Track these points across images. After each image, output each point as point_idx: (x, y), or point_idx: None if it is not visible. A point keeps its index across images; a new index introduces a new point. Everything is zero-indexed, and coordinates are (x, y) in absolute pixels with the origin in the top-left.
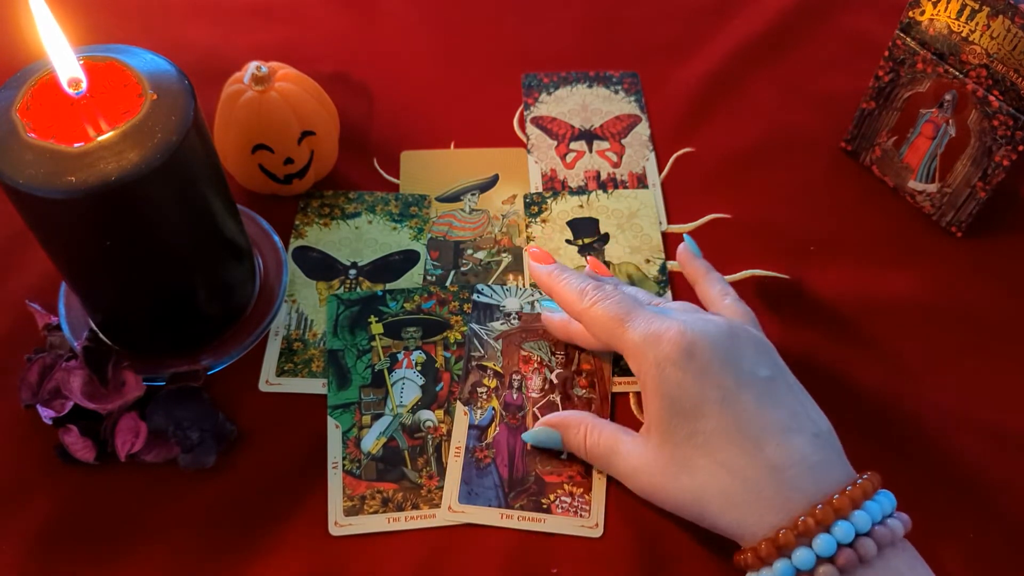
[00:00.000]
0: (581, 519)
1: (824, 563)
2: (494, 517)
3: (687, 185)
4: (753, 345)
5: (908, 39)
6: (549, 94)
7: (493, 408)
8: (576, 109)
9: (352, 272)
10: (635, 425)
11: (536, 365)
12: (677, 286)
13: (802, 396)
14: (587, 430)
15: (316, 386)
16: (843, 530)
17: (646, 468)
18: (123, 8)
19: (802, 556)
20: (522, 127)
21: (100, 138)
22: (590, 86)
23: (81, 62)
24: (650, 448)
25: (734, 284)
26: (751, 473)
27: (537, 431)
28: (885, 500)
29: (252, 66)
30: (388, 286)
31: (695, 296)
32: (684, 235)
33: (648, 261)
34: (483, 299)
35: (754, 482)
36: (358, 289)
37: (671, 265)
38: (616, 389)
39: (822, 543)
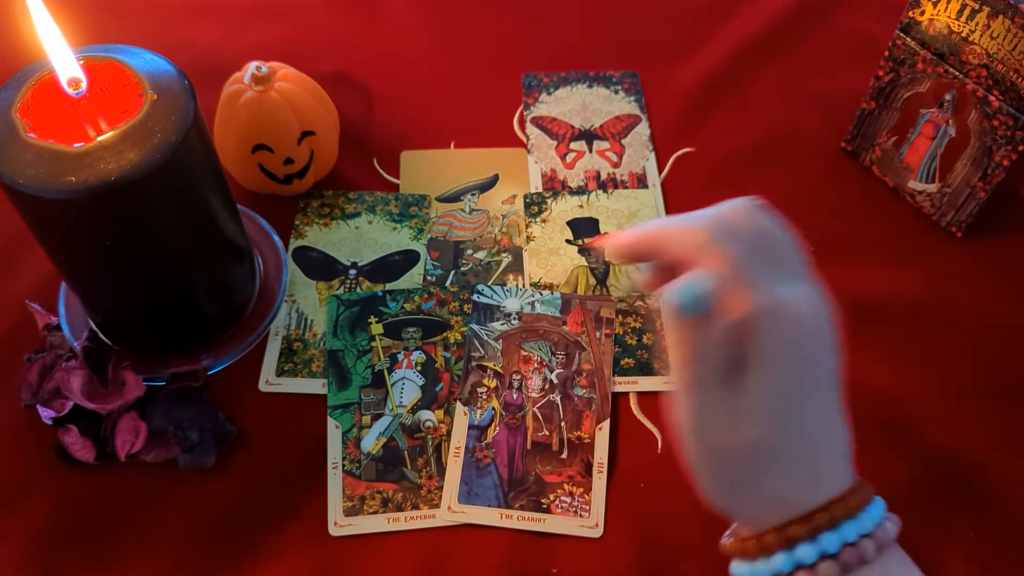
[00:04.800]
0: (581, 519)
1: (827, 559)
2: (494, 517)
3: (687, 185)
4: (832, 332)
5: (908, 39)
6: (549, 94)
7: (493, 408)
8: (576, 109)
9: (352, 272)
10: (636, 426)
11: (536, 365)
12: None
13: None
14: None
15: (316, 386)
16: (848, 530)
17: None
18: (123, 8)
19: (805, 552)
20: (522, 127)
21: (100, 138)
22: (590, 86)
23: (81, 62)
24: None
25: None
26: (805, 474)
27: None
28: (876, 509)
29: (252, 66)
30: (388, 286)
31: None
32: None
33: None
34: (483, 299)
35: (801, 480)
36: (358, 289)
37: None
38: (616, 389)
39: (826, 541)
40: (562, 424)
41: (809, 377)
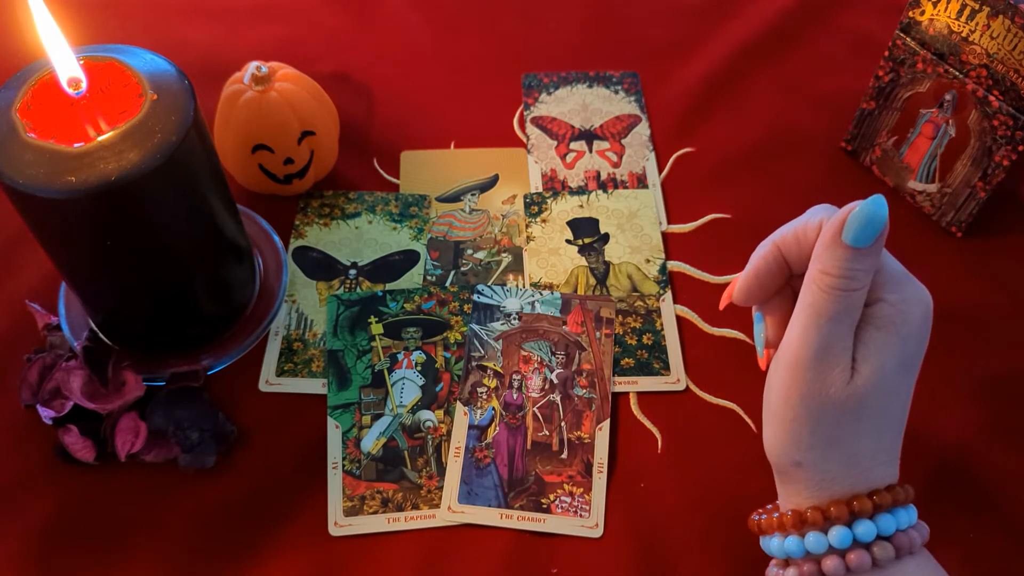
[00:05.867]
0: (581, 519)
1: (882, 540)
2: (494, 517)
3: (687, 185)
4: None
5: (908, 39)
6: (549, 94)
7: (493, 408)
8: (576, 109)
9: (352, 272)
10: (636, 426)
11: (536, 365)
12: (677, 286)
13: None
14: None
15: (316, 386)
16: (902, 517)
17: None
18: (123, 8)
19: (865, 528)
20: (522, 127)
21: (100, 138)
22: (590, 86)
23: (81, 62)
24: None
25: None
26: (884, 447)
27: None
28: (906, 514)
29: (252, 66)
30: (388, 286)
31: (695, 296)
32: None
33: (648, 261)
34: (483, 299)
35: (879, 452)
36: (358, 289)
37: (671, 265)
38: (616, 389)
39: (884, 522)
40: (562, 424)
41: (920, 353)
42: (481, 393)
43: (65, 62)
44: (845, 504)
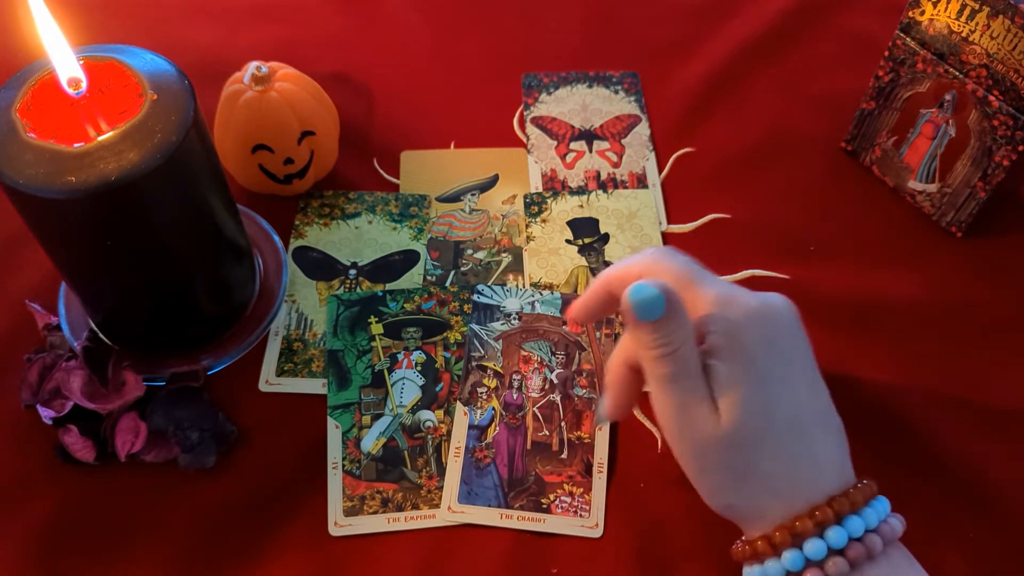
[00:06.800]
0: (581, 519)
1: (835, 555)
2: (494, 517)
3: (687, 185)
4: (798, 327)
5: (908, 39)
6: (549, 94)
7: (493, 408)
8: (576, 109)
9: (352, 272)
10: (636, 426)
11: (536, 365)
12: None
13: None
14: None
15: (316, 386)
16: (854, 525)
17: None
18: (123, 8)
19: (814, 547)
20: (522, 127)
21: (100, 138)
22: (590, 86)
23: (81, 62)
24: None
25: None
26: (798, 459)
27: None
28: (881, 505)
29: (252, 66)
30: (388, 286)
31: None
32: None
33: None
34: (483, 299)
35: (796, 466)
36: (358, 289)
37: None
38: None
39: (833, 535)
40: (562, 424)
41: (779, 359)
42: (481, 393)
43: (65, 62)
44: (808, 517)
